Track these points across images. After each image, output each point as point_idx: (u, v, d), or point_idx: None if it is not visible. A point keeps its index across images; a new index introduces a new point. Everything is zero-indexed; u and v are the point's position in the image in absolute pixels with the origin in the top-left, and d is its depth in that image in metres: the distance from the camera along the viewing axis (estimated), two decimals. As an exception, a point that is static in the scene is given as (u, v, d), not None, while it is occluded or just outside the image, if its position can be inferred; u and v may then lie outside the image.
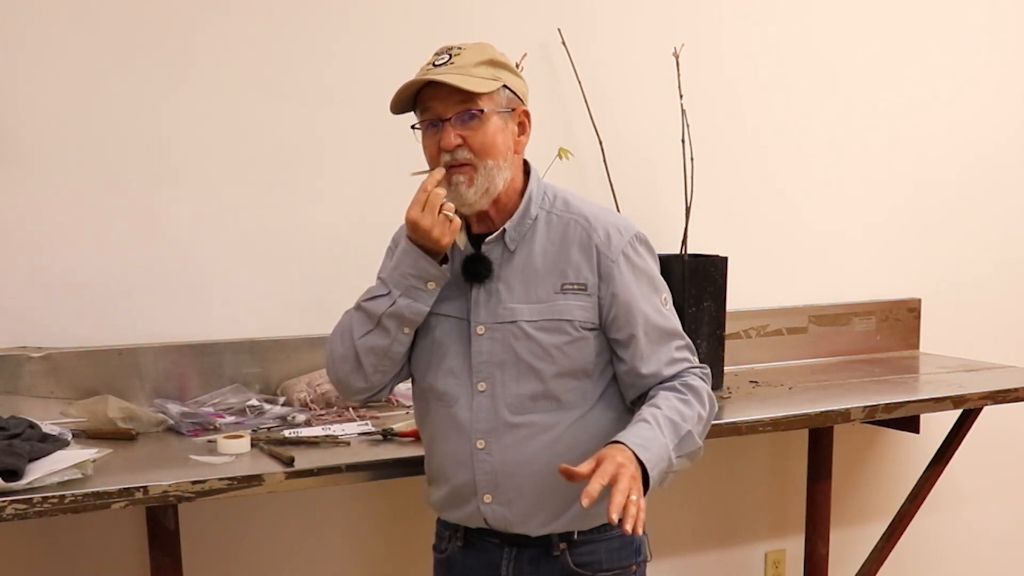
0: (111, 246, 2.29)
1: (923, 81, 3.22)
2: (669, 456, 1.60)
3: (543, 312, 1.67)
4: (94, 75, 2.26)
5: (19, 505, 1.66)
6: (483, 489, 1.70)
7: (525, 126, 1.71)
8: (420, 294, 1.66)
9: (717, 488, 3.01)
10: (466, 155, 1.63)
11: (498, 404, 1.68)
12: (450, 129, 1.62)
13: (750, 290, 2.91)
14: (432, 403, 1.75)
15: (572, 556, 1.73)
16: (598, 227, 1.70)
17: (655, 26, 2.79)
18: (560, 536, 1.73)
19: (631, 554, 1.79)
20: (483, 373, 1.69)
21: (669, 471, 1.61)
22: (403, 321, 1.68)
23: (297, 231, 2.46)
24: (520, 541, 1.74)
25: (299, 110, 2.44)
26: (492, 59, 1.66)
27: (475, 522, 1.75)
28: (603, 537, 1.75)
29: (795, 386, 2.68)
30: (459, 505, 1.75)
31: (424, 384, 1.76)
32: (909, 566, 3.26)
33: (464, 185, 1.64)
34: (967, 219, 3.34)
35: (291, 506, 2.46)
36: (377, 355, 1.71)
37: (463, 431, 1.70)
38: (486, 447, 1.69)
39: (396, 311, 1.67)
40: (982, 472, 3.38)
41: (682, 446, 1.63)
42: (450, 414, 1.71)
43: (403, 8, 2.52)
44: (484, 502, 1.71)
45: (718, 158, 2.87)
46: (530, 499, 1.69)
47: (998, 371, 2.89)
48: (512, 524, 1.71)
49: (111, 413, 2.10)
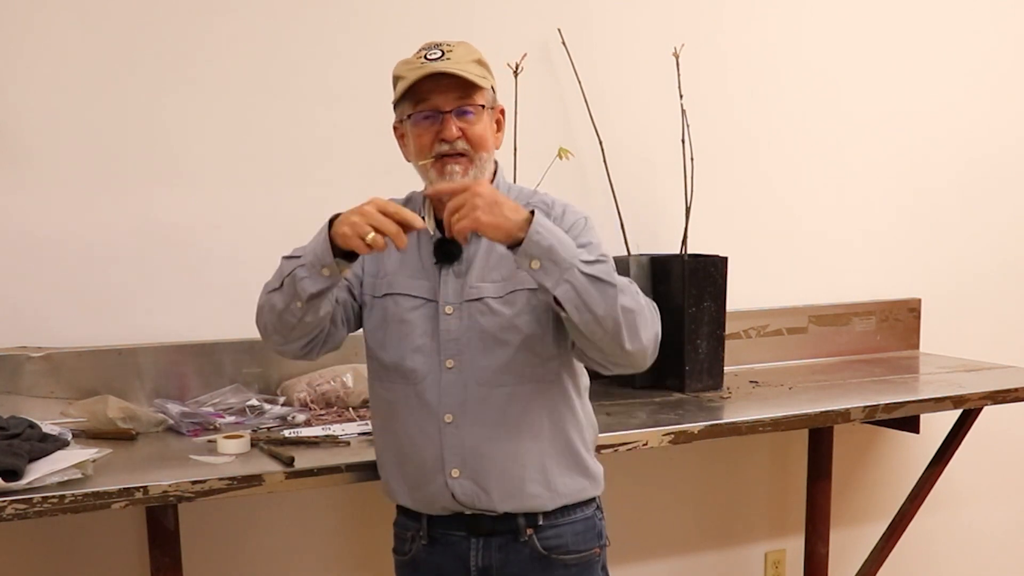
0: (111, 246, 2.30)
1: (924, 81, 3.22)
2: (575, 258, 1.55)
3: (505, 287, 1.72)
4: (94, 75, 2.26)
5: (19, 505, 1.65)
6: (451, 463, 1.72)
7: (501, 123, 1.80)
8: (315, 275, 1.64)
9: (717, 488, 3.01)
10: (464, 147, 1.70)
11: (466, 379, 1.71)
12: (451, 120, 1.68)
13: (750, 290, 2.91)
14: (397, 382, 1.76)
15: (539, 540, 1.75)
16: (556, 206, 1.76)
17: (655, 26, 2.79)
18: (526, 520, 1.75)
19: (594, 537, 1.82)
20: (451, 350, 1.72)
21: (568, 272, 1.55)
22: (296, 293, 1.66)
23: (297, 230, 2.44)
24: (487, 529, 1.75)
25: (299, 109, 2.44)
26: (479, 59, 1.73)
27: (441, 501, 1.75)
28: (567, 520, 1.78)
29: (795, 386, 2.68)
30: (424, 484, 1.76)
31: (387, 362, 1.77)
32: (909, 566, 3.26)
33: (459, 175, 1.70)
34: (967, 219, 3.34)
35: (291, 506, 2.46)
36: (274, 314, 1.71)
37: (431, 407, 1.73)
38: (454, 420, 1.72)
39: (295, 275, 1.66)
40: (982, 472, 3.38)
41: (595, 267, 1.57)
42: (416, 391, 1.74)
43: (403, 8, 2.52)
44: (452, 477, 1.73)
45: (718, 158, 2.87)
46: (497, 473, 1.72)
47: (998, 371, 2.88)
48: (479, 498, 1.73)
49: (111, 413, 2.09)
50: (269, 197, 2.43)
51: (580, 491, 1.79)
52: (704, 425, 2.25)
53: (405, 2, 2.52)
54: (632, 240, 2.69)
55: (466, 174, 1.70)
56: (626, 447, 2.13)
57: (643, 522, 2.88)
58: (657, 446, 2.19)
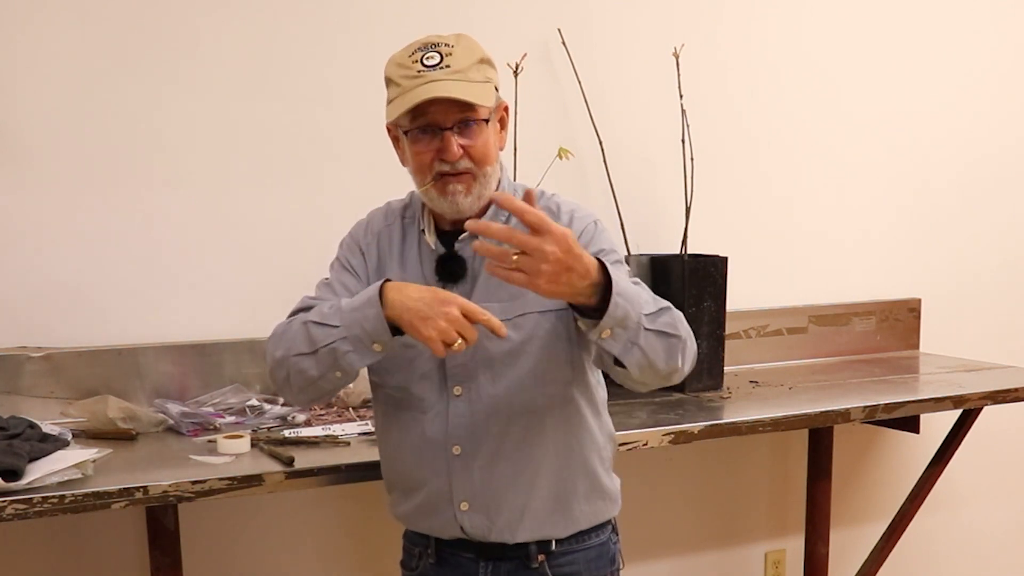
0: (111, 246, 2.30)
1: (924, 81, 3.22)
2: (640, 316, 1.43)
3: (513, 308, 1.60)
4: (94, 75, 2.26)
5: (19, 505, 1.65)
6: (459, 497, 1.64)
7: (505, 121, 1.67)
8: (364, 350, 1.52)
9: (717, 488, 3.01)
10: (467, 164, 1.57)
11: (475, 408, 1.62)
12: (452, 139, 1.55)
13: (750, 290, 2.91)
14: (403, 409, 1.67)
15: (551, 567, 1.68)
16: (563, 213, 1.65)
17: (655, 26, 2.79)
18: (538, 547, 1.67)
19: (607, 563, 1.74)
20: (458, 377, 1.62)
21: (635, 335, 1.44)
22: (336, 364, 1.54)
23: (297, 230, 2.46)
24: (497, 554, 1.67)
25: (299, 110, 2.44)
26: (482, 57, 1.60)
27: (450, 532, 1.68)
28: (581, 547, 1.70)
29: (795, 386, 2.68)
30: (432, 515, 1.68)
31: (394, 389, 1.67)
32: (909, 566, 3.26)
33: (462, 195, 1.58)
34: (967, 219, 3.34)
35: (291, 506, 2.46)
36: (304, 379, 1.58)
37: (438, 437, 1.63)
38: (462, 453, 1.63)
39: (336, 349, 1.53)
40: (982, 472, 3.38)
41: (659, 320, 1.47)
42: (424, 420, 1.64)
43: (403, 8, 2.52)
44: (460, 510, 1.65)
45: (718, 158, 2.87)
46: (508, 505, 1.64)
47: (998, 371, 2.88)
48: (490, 532, 1.65)
49: (111, 413, 2.09)
50: (269, 197, 2.43)
51: (597, 514, 1.71)
52: (704, 425, 2.25)
53: (405, 3, 2.52)
54: (632, 240, 2.69)
55: (469, 193, 1.57)
56: (626, 447, 2.13)
57: (643, 522, 2.88)
58: (657, 446, 2.19)
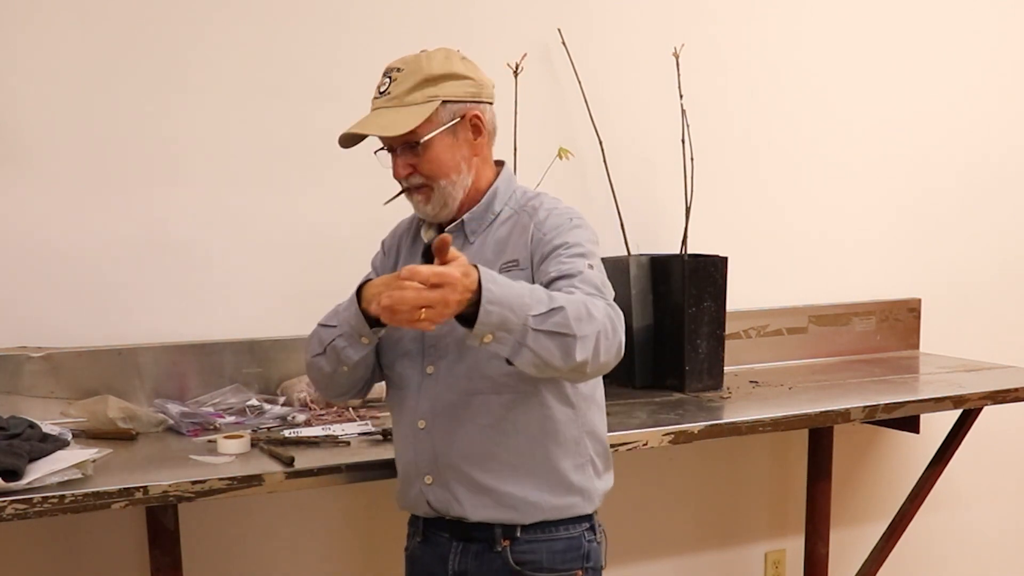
0: (111, 246, 2.30)
1: (924, 82, 3.22)
2: (527, 317, 1.43)
3: None
4: (94, 75, 2.26)
5: (19, 505, 1.65)
6: (423, 470, 1.73)
7: (480, 128, 1.71)
8: (355, 343, 1.69)
9: (717, 488, 3.01)
10: (418, 180, 1.70)
11: (441, 386, 1.71)
12: (399, 159, 1.69)
13: (750, 290, 2.91)
14: (394, 388, 1.79)
15: (513, 553, 1.72)
16: (541, 211, 1.71)
17: (655, 26, 2.80)
18: (503, 531, 1.72)
19: (577, 559, 1.75)
20: (432, 357, 1.72)
21: (523, 336, 1.44)
22: (339, 360, 1.72)
23: (297, 230, 2.46)
24: (465, 535, 1.74)
25: (299, 110, 2.44)
26: (427, 77, 1.65)
27: (422, 508, 1.77)
28: (546, 538, 1.73)
29: (795, 386, 2.68)
30: (408, 490, 1.78)
31: (387, 369, 1.80)
32: (909, 566, 3.26)
33: (422, 204, 1.72)
34: (967, 219, 3.34)
35: (291, 506, 2.46)
36: (324, 376, 1.78)
37: (410, 413, 1.74)
38: (426, 427, 1.72)
39: (336, 346, 1.71)
40: (982, 472, 3.38)
41: (548, 320, 1.45)
42: (402, 396, 1.76)
43: (403, 8, 2.52)
44: (425, 483, 1.74)
45: (718, 158, 2.87)
46: (465, 481, 1.70)
47: (998, 371, 2.88)
48: (452, 506, 1.72)
49: (111, 413, 2.09)
50: (269, 198, 2.43)
51: (565, 508, 1.73)
52: (704, 425, 2.25)
53: (405, 3, 2.52)
54: (632, 240, 2.69)
55: (429, 202, 1.70)
56: (626, 447, 2.13)
57: (643, 522, 2.88)
58: (657, 446, 2.19)
